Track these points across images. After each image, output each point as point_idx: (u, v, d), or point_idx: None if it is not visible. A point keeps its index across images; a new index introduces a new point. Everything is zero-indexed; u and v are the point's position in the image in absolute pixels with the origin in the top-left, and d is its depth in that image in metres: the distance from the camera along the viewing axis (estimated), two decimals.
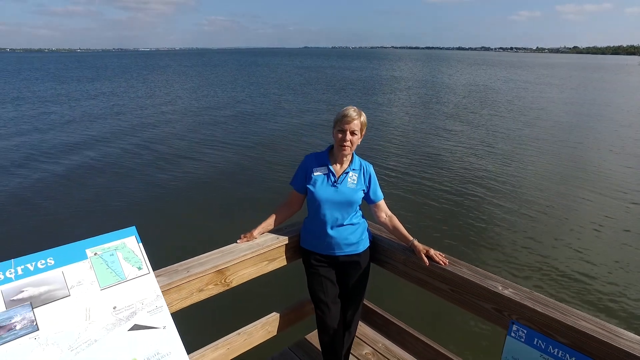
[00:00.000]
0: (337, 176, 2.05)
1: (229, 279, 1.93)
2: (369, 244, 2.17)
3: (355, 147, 2.03)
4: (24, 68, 58.20)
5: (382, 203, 2.16)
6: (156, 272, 1.61)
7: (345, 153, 2.02)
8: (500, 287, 1.70)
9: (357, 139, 2.01)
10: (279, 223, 2.20)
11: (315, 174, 2.05)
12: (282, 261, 2.17)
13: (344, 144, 1.97)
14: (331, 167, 2.06)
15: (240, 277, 1.98)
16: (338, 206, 2.02)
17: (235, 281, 1.96)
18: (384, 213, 2.16)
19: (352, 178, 2.05)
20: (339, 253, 2.09)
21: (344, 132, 1.96)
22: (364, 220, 2.16)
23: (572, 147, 11.71)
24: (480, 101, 21.27)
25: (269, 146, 11.45)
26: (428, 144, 11.74)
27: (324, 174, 2.05)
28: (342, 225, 2.05)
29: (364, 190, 2.08)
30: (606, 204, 7.39)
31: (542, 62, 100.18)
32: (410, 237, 2.05)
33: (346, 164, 2.08)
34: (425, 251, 1.95)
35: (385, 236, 2.23)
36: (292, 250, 2.20)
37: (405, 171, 9.15)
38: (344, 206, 2.03)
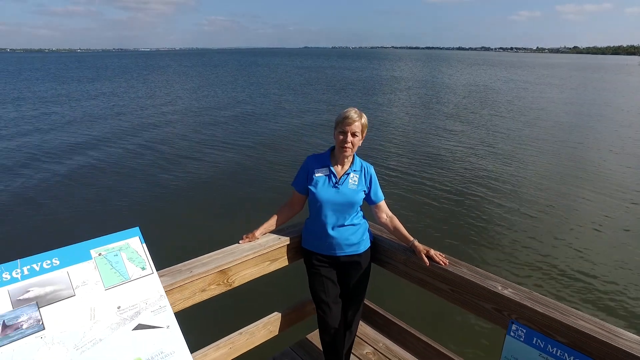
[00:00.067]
0: (338, 177, 2.07)
1: (231, 279, 1.94)
2: (369, 245, 2.19)
3: (356, 148, 2.05)
4: (24, 68, 58.21)
5: (382, 204, 2.17)
6: (159, 272, 1.62)
7: (346, 154, 2.03)
8: (500, 287, 1.71)
9: (358, 141, 2.02)
10: (280, 224, 2.22)
11: (316, 175, 2.07)
12: (283, 261, 2.19)
13: (345, 145, 1.99)
14: (332, 168, 2.07)
15: (242, 277, 2.00)
16: (339, 207, 2.04)
17: (237, 281, 1.98)
18: (385, 214, 2.17)
19: (353, 179, 2.07)
20: (340, 253, 2.10)
21: (345, 134, 1.98)
22: (364, 221, 2.17)
23: (572, 147, 11.72)
24: (481, 101, 21.28)
25: (270, 146, 11.46)
26: (428, 144, 11.75)
27: (325, 175, 2.07)
28: (343, 225, 2.06)
29: (364, 191, 2.10)
30: (606, 203, 7.40)
31: (542, 62, 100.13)
32: (411, 238, 2.07)
33: (347, 165, 2.10)
34: (425, 251, 1.97)
35: (386, 236, 2.24)
36: (294, 251, 2.21)
37: (406, 171, 9.16)
38: (345, 207, 2.04)
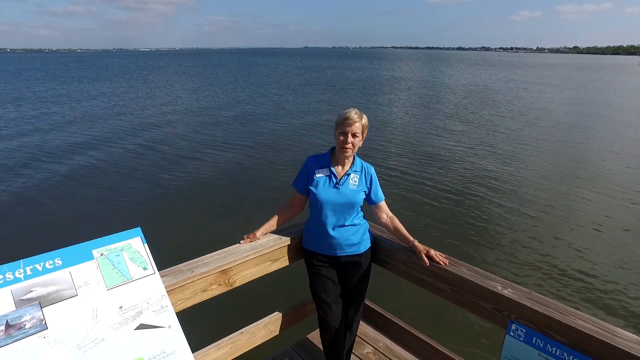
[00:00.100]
0: (338, 178, 2.07)
1: (232, 279, 1.95)
2: (370, 245, 2.19)
3: (356, 149, 2.05)
4: (24, 68, 58.23)
5: (383, 204, 2.18)
6: (161, 272, 1.63)
7: (346, 155, 2.04)
8: (499, 287, 1.72)
9: (359, 141, 2.03)
10: (281, 224, 2.23)
11: (317, 175, 2.08)
12: (284, 261, 2.19)
13: (346, 146, 2.00)
14: (333, 169, 2.08)
15: (243, 277, 2.00)
16: (340, 207, 2.05)
17: (238, 281, 1.98)
18: (385, 214, 2.18)
19: (354, 179, 2.08)
20: (340, 253, 2.11)
21: (345, 135, 1.99)
22: (365, 221, 2.18)
23: (572, 147, 11.73)
24: (481, 101, 21.29)
25: (270, 146, 11.47)
26: (428, 144, 11.76)
27: (326, 175, 2.08)
28: (343, 226, 2.07)
29: (365, 192, 2.11)
30: (606, 203, 7.41)
31: (542, 62, 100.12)
32: (411, 238, 2.07)
33: (348, 166, 2.11)
34: (425, 251, 1.98)
35: (386, 237, 2.25)
36: (295, 251, 2.22)
37: (406, 171, 9.17)
38: (346, 207, 2.05)
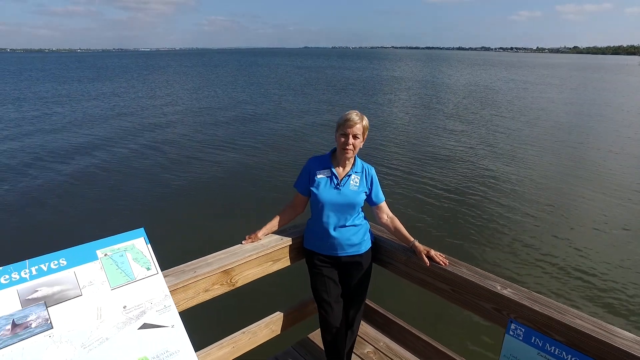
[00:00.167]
0: (339, 179, 2.09)
1: (234, 279, 1.97)
2: (370, 245, 2.21)
3: (357, 150, 2.07)
4: (25, 68, 58.27)
5: (383, 205, 2.20)
6: (164, 272, 1.64)
7: (347, 156, 2.06)
8: (499, 287, 1.73)
9: (360, 143, 2.05)
10: (282, 224, 2.24)
11: (318, 176, 2.09)
12: (286, 262, 2.21)
13: (347, 147, 2.01)
14: (334, 170, 2.10)
15: (245, 277, 2.02)
16: (341, 208, 2.06)
17: (240, 281, 2.00)
18: (386, 214, 2.20)
19: (355, 180, 2.09)
20: (341, 254, 2.12)
21: (346, 136, 2.01)
22: (366, 222, 2.20)
23: (572, 147, 11.75)
24: (481, 101, 21.30)
25: (271, 146, 11.49)
26: (429, 144, 11.78)
27: (327, 176, 2.09)
28: (344, 226, 2.09)
29: (366, 193, 2.12)
30: (606, 203, 7.43)
31: (542, 62, 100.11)
32: (412, 238, 2.09)
33: (349, 167, 2.12)
34: (425, 252, 1.99)
35: (386, 237, 2.26)
36: (296, 251, 2.23)
37: (407, 170, 9.19)
38: (347, 208, 2.07)
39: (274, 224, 2.22)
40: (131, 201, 7.50)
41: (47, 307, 1.26)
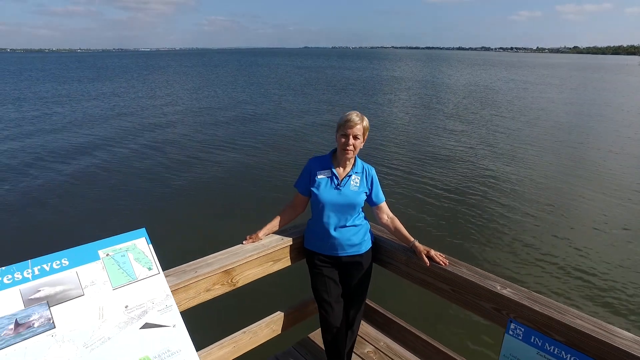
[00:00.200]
0: (340, 179, 2.10)
1: (235, 279, 1.97)
2: (371, 245, 2.21)
3: (357, 150, 2.08)
4: (25, 68, 58.27)
5: (384, 205, 2.20)
6: (165, 272, 1.64)
7: (348, 157, 2.07)
8: (499, 287, 1.74)
9: (360, 143, 2.06)
10: (283, 224, 2.25)
11: (319, 177, 2.10)
12: (286, 262, 2.22)
13: (347, 148, 2.02)
14: (334, 170, 2.11)
15: (246, 277, 2.03)
16: (341, 208, 2.07)
17: (241, 281, 2.01)
18: (386, 215, 2.20)
19: (355, 181, 2.10)
20: (342, 254, 2.13)
21: (347, 137, 2.01)
22: (366, 222, 2.20)
23: (572, 146, 11.75)
24: (481, 101, 21.31)
25: (272, 146, 11.49)
26: (429, 144, 11.78)
27: (328, 177, 2.10)
28: (345, 226, 2.09)
29: (366, 193, 2.13)
30: (606, 203, 7.44)
31: (542, 62, 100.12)
32: (412, 238, 2.10)
33: (349, 167, 2.13)
34: (426, 252, 2.00)
35: (387, 237, 2.27)
36: (296, 251, 2.24)
37: (407, 170, 9.19)
38: (347, 208, 2.07)
39: (275, 224, 2.23)
40: (132, 201, 7.51)
41: (49, 307, 1.27)
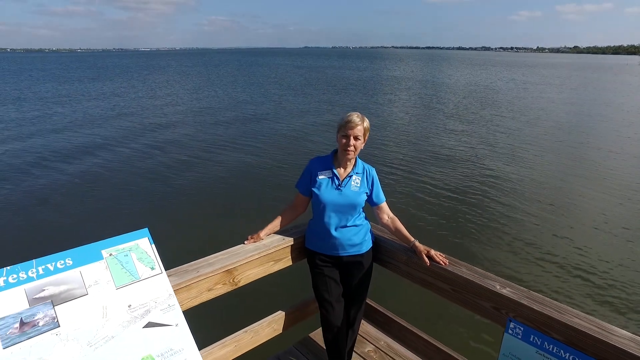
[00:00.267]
0: (341, 179, 2.11)
1: (236, 279, 1.99)
2: (371, 245, 2.23)
3: (358, 151, 2.09)
4: (25, 68, 58.28)
5: (384, 205, 2.22)
6: (168, 272, 1.66)
7: (349, 157, 2.08)
8: (498, 287, 1.75)
9: (361, 144, 2.07)
10: (284, 224, 2.26)
11: (320, 177, 2.11)
12: (287, 261, 2.23)
13: (348, 148, 2.03)
14: (335, 171, 2.12)
15: (247, 277, 2.04)
16: (342, 208, 2.08)
17: (242, 281, 2.02)
18: (386, 215, 2.22)
19: (356, 181, 2.11)
20: (342, 253, 2.14)
21: (347, 137, 2.03)
22: (367, 222, 2.21)
23: (573, 146, 11.77)
24: (481, 101, 21.31)
25: (273, 146, 11.51)
26: (429, 144, 11.79)
27: (329, 177, 2.11)
28: (345, 226, 2.11)
29: (367, 193, 2.14)
30: (606, 202, 7.45)
31: (542, 62, 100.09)
32: (412, 238, 2.11)
33: (350, 168, 2.15)
34: (426, 252, 2.01)
35: (387, 237, 2.28)
36: (298, 251, 2.25)
37: (407, 170, 9.20)
38: (348, 208, 2.09)
39: (276, 224, 2.24)
40: (134, 201, 7.53)
41: (54, 306, 1.28)
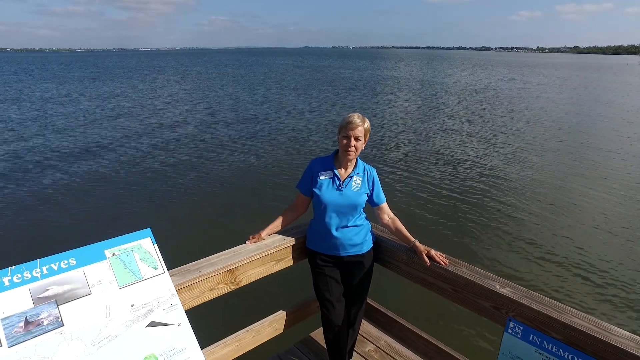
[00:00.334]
0: (342, 180, 2.12)
1: (238, 279, 2.00)
2: (372, 245, 2.24)
3: (359, 152, 2.10)
4: (26, 68, 58.29)
5: (385, 205, 2.23)
6: (170, 271, 1.67)
7: (349, 158, 2.09)
8: (498, 286, 1.77)
9: (361, 145, 2.08)
10: (285, 225, 2.28)
11: (321, 177, 2.13)
12: (288, 261, 2.24)
13: (349, 149, 2.05)
14: (336, 171, 2.13)
15: (249, 276, 2.05)
16: (343, 209, 2.09)
17: (244, 280, 2.03)
18: (387, 215, 2.23)
19: (356, 182, 2.13)
20: (343, 253, 2.15)
21: (348, 138, 2.04)
22: (367, 222, 2.23)
23: (573, 146, 11.77)
24: (481, 101, 21.32)
25: (273, 146, 11.51)
26: (430, 144, 11.80)
27: (330, 177, 2.12)
28: (346, 227, 2.12)
29: (367, 194, 2.16)
30: (606, 202, 7.47)
31: (542, 62, 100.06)
32: (412, 238, 2.12)
33: (350, 168, 2.16)
34: (426, 252, 2.03)
35: (388, 237, 2.29)
36: (299, 251, 2.27)
37: (408, 170, 9.21)
38: (349, 209, 2.10)
39: (277, 224, 2.25)
40: (136, 200, 7.54)
41: (57, 305, 1.30)
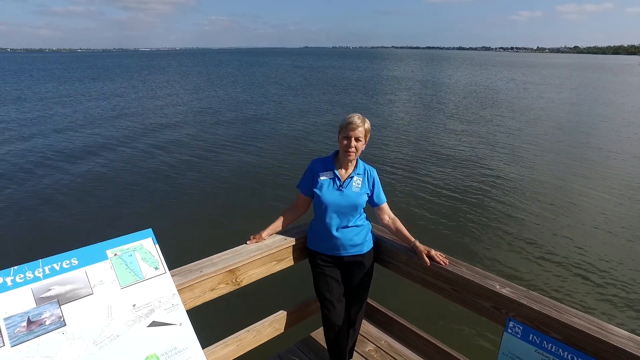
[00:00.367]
0: (342, 180, 2.13)
1: (239, 279, 2.00)
2: (372, 245, 2.25)
3: (359, 152, 2.11)
4: (27, 68, 58.30)
5: (385, 206, 2.24)
6: (171, 271, 1.68)
7: (350, 158, 2.10)
8: (498, 286, 1.77)
9: (362, 145, 2.09)
10: (286, 225, 2.28)
11: (321, 178, 2.13)
12: (289, 261, 2.25)
13: (349, 150, 2.05)
14: (337, 172, 2.14)
15: (249, 276, 2.06)
16: (343, 209, 2.10)
17: (245, 280, 2.04)
18: (387, 215, 2.24)
19: (357, 182, 2.13)
20: (344, 254, 2.16)
21: (349, 139, 2.05)
22: (367, 222, 2.23)
23: (573, 146, 11.78)
24: (481, 101, 21.33)
25: (274, 146, 11.51)
26: (430, 143, 11.81)
27: (330, 178, 2.13)
28: (347, 227, 2.12)
29: (368, 194, 2.16)
30: (606, 202, 7.47)
31: (542, 62, 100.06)
32: (412, 239, 2.13)
33: (351, 169, 2.16)
34: (426, 252, 2.03)
35: (388, 237, 2.30)
36: (299, 251, 2.27)
37: (408, 170, 9.22)
38: (349, 209, 2.10)
39: (278, 224, 2.26)
40: (137, 200, 7.55)
41: (60, 305, 1.30)
